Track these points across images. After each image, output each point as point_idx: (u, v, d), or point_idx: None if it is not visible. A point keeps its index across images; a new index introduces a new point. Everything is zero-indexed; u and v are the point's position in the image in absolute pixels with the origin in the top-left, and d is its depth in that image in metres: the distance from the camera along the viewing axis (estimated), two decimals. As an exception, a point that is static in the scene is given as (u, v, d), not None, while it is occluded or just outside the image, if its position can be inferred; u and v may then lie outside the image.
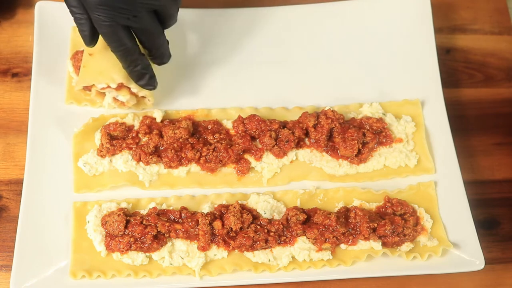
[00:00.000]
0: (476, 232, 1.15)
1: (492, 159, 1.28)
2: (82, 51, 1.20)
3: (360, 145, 1.18)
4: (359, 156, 1.19)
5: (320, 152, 1.20)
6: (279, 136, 1.19)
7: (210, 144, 1.18)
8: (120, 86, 1.16)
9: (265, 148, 1.19)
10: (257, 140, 1.20)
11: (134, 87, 1.16)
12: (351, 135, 1.18)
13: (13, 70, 1.28)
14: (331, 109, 1.21)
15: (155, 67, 1.24)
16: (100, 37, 1.08)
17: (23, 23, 1.28)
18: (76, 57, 1.21)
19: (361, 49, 1.32)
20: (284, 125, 1.21)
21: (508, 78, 1.37)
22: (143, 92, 1.17)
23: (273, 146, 1.18)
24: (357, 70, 1.30)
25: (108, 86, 1.15)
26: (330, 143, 1.20)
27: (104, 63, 1.15)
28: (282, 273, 1.11)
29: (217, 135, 1.18)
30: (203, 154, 1.17)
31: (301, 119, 1.21)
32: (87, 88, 1.18)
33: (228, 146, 1.17)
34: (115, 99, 1.19)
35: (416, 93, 1.28)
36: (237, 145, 1.17)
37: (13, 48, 1.30)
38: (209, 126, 1.21)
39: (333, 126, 1.19)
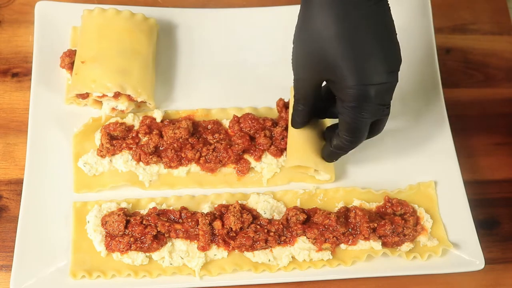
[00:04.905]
0: (476, 232, 1.15)
1: (492, 159, 1.28)
2: (74, 52, 1.20)
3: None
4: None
5: (320, 152, 1.20)
6: (274, 135, 1.19)
7: (210, 144, 1.18)
8: (117, 95, 1.16)
9: (262, 148, 1.19)
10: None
11: (132, 93, 1.15)
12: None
13: (13, 70, 1.28)
14: None
15: (156, 72, 1.24)
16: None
17: (23, 23, 1.28)
18: (70, 55, 1.20)
19: (361, 49, 1.32)
20: (276, 122, 1.21)
21: (508, 78, 1.37)
22: (142, 97, 1.17)
23: (270, 146, 1.18)
24: (357, 70, 1.30)
25: (104, 95, 1.15)
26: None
27: (97, 71, 1.14)
28: (282, 273, 1.11)
29: (216, 135, 1.18)
30: (203, 154, 1.17)
31: None
32: (81, 96, 1.17)
33: (228, 146, 1.17)
34: (113, 109, 1.19)
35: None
36: (236, 145, 1.17)
37: (13, 48, 1.29)
38: (209, 126, 1.21)
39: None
